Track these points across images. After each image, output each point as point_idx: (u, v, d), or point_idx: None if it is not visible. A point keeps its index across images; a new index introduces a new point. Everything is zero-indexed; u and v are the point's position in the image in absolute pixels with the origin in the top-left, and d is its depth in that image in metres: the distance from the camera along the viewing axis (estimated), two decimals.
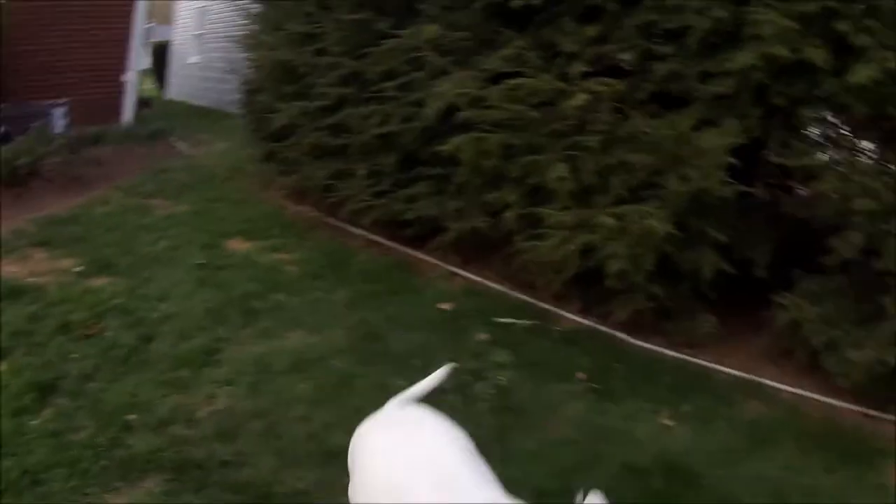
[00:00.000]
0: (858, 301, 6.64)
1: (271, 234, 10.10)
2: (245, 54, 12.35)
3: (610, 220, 6.92)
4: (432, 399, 6.06)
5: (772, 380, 6.91)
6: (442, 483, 2.99)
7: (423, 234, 9.04)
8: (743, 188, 6.89)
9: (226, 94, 18.87)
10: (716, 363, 7.11)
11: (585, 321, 7.67)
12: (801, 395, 6.75)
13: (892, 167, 6.40)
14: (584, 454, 5.49)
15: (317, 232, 10.28)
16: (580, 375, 6.63)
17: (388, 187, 9.15)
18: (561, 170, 7.22)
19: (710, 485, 5.32)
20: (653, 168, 6.99)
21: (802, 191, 7.30)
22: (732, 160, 6.72)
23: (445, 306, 7.82)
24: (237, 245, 9.71)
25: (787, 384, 6.85)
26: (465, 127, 7.88)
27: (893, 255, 6.18)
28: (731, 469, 5.55)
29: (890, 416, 6.46)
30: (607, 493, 5.11)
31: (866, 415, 6.52)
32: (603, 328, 7.54)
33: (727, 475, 5.46)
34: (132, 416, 5.53)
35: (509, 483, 4.82)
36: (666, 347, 7.31)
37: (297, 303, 7.82)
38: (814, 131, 7.23)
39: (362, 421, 5.35)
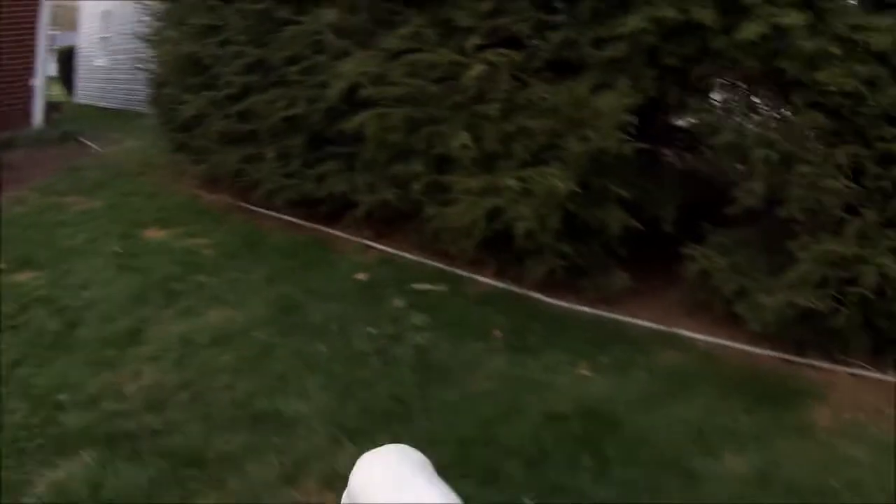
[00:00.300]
0: (767, 250, 6.76)
1: (187, 221, 9.96)
2: (150, 51, 12.18)
3: (514, 183, 6.95)
4: (353, 363, 6.08)
5: (687, 330, 6.98)
6: None
7: (335, 210, 9.01)
8: (642, 146, 6.96)
9: (134, 94, 18.61)
10: (631, 317, 7.18)
11: (500, 283, 7.67)
12: (718, 344, 6.84)
13: (787, 117, 6.49)
14: (505, 405, 5.53)
15: (231, 216, 10.15)
16: (497, 333, 6.65)
17: (297, 168, 9.09)
18: (464, 138, 7.23)
19: (630, 429, 5.38)
20: (553, 132, 7.01)
21: (704, 148, 7.36)
22: (631, 120, 6.79)
23: (361, 276, 7.78)
24: (154, 233, 9.56)
25: (702, 334, 6.94)
26: (369, 104, 7.87)
27: (795, 202, 6.28)
28: (651, 414, 5.62)
29: (806, 360, 6.59)
30: (529, 440, 5.18)
31: (783, 359, 6.63)
32: (517, 289, 7.55)
33: (647, 419, 5.53)
34: (63, 396, 5.47)
35: (433, 435, 4.86)
36: (581, 304, 7.35)
37: (216, 282, 7.73)
38: (708, 89, 7.32)
39: (284, 388, 5.33)
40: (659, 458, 5.11)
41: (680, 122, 7.76)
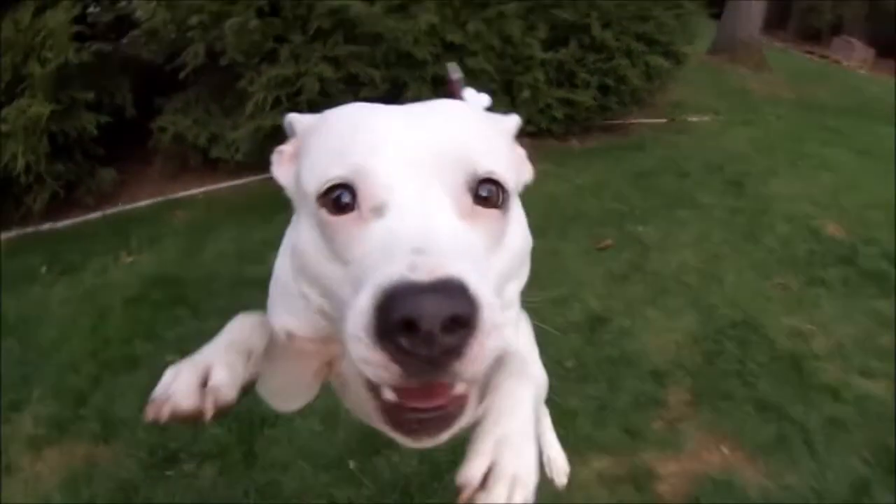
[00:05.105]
0: (220, 97, 6.94)
1: None
2: None
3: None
4: None
5: (185, 191, 7.08)
6: None
7: None
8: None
9: None
10: (133, 202, 7.01)
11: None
12: (215, 189, 7.11)
13: None
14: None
15: None
16: (42, 269, 5.81)
17: None
18: None
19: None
20: (13, 64, 6.19)
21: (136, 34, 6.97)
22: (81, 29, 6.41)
23: None
24: None
25: (199, 188, 7.13)
26: None
27: (234, 46, 6.33)
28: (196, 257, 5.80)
29: None
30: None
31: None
32: (28, 229, 6.71)
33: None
34: None
35: None
36: (88, 213, 6.87)
37: None
38: None
39: None
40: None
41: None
